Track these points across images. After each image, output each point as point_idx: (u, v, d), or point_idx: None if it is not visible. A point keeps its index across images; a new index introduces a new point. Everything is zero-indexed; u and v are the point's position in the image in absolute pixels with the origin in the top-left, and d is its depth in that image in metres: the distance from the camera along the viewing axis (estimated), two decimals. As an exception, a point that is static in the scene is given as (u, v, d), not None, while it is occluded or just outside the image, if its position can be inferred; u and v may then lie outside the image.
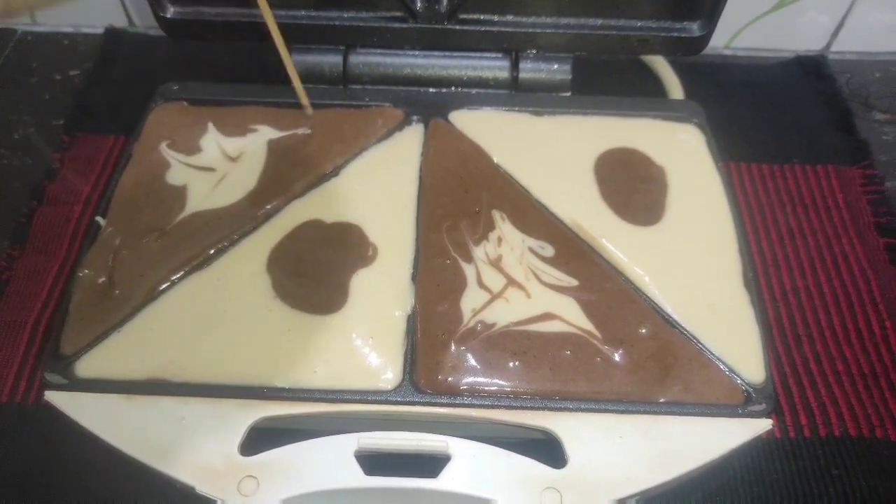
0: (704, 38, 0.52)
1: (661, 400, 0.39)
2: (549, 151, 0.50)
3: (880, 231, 0.55)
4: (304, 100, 0.50)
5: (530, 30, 0.52)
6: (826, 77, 0.66)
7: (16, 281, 0.51)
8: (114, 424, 0.38)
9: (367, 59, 0.53)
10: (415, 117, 0.52)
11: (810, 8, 0.65)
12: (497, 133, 0.51)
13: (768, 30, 0.67)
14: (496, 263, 0.44)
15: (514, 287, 0.43)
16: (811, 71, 0.66)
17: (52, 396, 0.39)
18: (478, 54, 0.54)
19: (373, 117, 0.51)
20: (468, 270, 0.43)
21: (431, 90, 0.54)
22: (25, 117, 0.62)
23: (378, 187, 0.47)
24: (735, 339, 0.41)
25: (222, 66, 0.63)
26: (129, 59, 0.66)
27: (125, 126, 0.59)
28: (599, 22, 0.52)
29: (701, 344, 0.41)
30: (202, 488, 0.36)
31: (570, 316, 0.42)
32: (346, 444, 0.37)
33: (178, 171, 0.48)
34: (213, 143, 0.49)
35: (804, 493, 0.43)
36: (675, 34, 0.52)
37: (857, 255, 0.53)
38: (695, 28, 0.52)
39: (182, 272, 0.43)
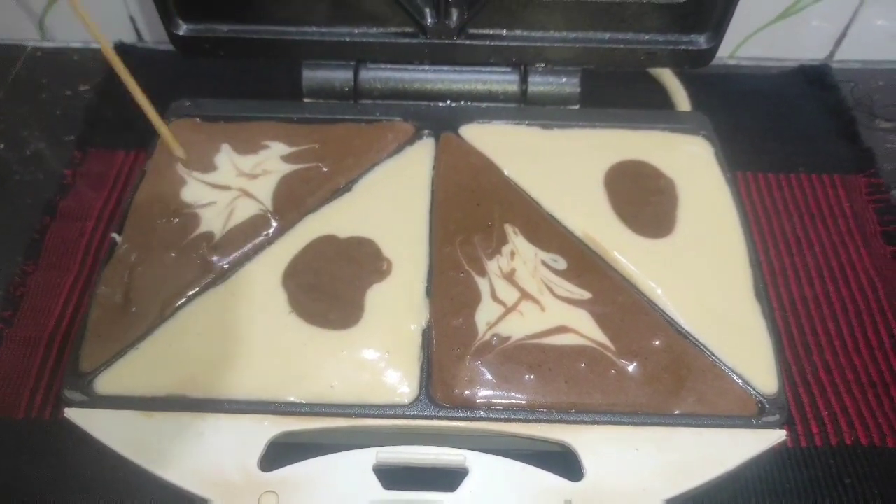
0: (711, 51, 0.52)
1: (676, 412, 0.39)
2: (560, 164, 0.50)
3: (887, 239, 0.55)
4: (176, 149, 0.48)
5: (539, 44, 0.52)
6: (830, 86, 0.66)
7: (30, 296, 0.52)
8: (133, 441, 0.38)
9: (378, 75, 0.54)
10: (425, 131, 0.52)
11: (814, 17, 0.66)
12: (507, 146, 0.51)
13: (772, 39, 0.68)
14: (510, 277, 0.44)
15: (528, 300, 0.43)
16: (815, 80, 0.67)
17: (72, 413, 0.39)
18: (487, 68, 0.54)
19: (384, 132, 0.52)
20: (482, 284, 0.44)
21: (441, 104, 0.54)
22: (37, 133, 0.63)
23: (391, 202, 0.48)
24: (748, 350, 0.42)
25: (230, 81, 0.63)
26: (138, 75, 0.66)
27: (136, 141, 0.59)
28: (607, 36, 0.52)
29: (714, 356, 0.41)
30: (222, 504, 0.36)
31: (585, 329, 0.42)
32: (365, 459, 0.37)
33: (193, 188, 0.48)
34: (227, 159, 0.49)
35: (817, 502, 0.43)
36: (683, 47, 0.52)
37: (864, 263, 0.54)
38: (702, 41, 0.52)
39: (197, 288, 0.44)
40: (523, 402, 0.40)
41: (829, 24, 0.67)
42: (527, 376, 0.40)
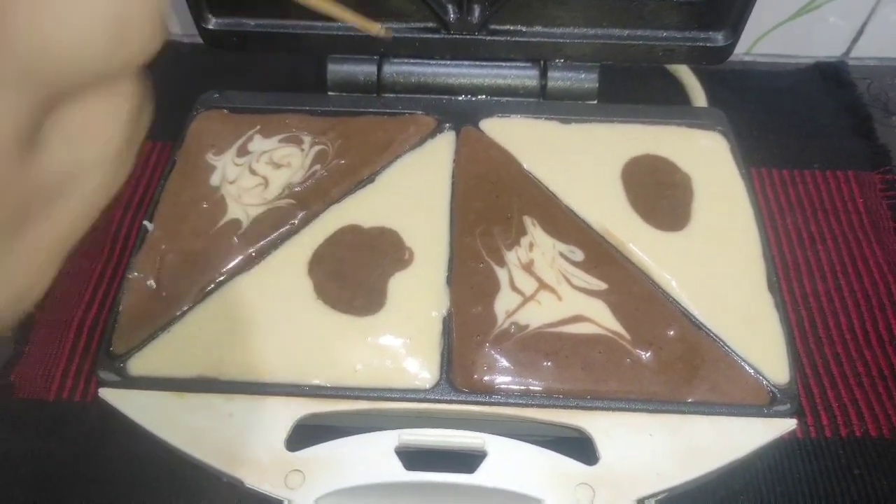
0: (729, 48, 0.53)
1: (689, 400, 0.40)
2: (578, 158, 0.51)
3: (900, 235, 0.56)
4: (369, 25, 0.44)
5: (558, 40, 0.53)
6: (846, 83, 0.67)
7: (60, 282, 0.53)
8: (165, 420, 0.39)
9: (401, 69, 0.55)
10: (446, 125, 0.53)
11: (830, 14, 0.66)
12: (526, 140, 0.52)
13: (789, 36, 0.68)
14: (528, 267, 0.45)
15: (545, 290, 0.44)
16: (831, 77, 0.67)
17: (106, 393, 0.40)
18: (507, 63, 0.55)
19: (406, 125, 0.52)
20: (501, 274, 0.45)
21: (462, 98, 0.55)
22: (65, 123, 0.64)
23: (413, 193, 0.49)
24: (760, 341, 0.43)
25: (254, 73, 0.64)
26: (163, 66, 0.67)
27: (162, 131, 0.60)
28: (626, 32, 0.53)
29: (727, 346, 0.42)
30: (250, 482, 0.38)
31: (601, 318, 0.43)
32: (388, 440, 0.39)
33: (222, 177, 0.49)
34: (254, 149, 0.51)
35: (826, 493, 0.44)
36: (700, 44, 0.53)
37: (876, 258, 0.55)
38: (719, 38, 0.53)
39: (226, 275, 0.45)
40: (540, 388, 0.41)
41: (845, 21, 0.67)
42: (544, 363, 0.41)
